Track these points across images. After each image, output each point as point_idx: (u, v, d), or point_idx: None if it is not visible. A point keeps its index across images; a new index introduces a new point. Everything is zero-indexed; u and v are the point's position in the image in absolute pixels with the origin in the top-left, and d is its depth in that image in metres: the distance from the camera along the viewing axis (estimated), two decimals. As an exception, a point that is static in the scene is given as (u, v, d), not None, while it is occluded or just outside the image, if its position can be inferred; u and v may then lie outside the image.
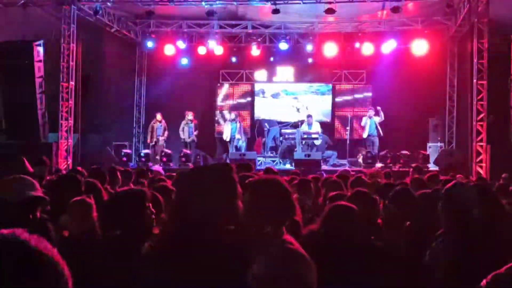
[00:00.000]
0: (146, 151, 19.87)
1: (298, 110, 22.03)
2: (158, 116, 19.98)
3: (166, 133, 20.00)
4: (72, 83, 17.06)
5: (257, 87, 22.60)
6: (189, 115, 19.80)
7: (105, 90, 19.55)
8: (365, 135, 19.37)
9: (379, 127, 19.07)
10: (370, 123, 19.14)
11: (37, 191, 3.69)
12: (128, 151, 19.73)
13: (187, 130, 19.79)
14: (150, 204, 3.59)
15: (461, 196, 3.90)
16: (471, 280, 3.32)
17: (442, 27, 19.38)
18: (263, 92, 22.57)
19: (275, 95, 22.47)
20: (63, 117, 17.10)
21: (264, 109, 22.35)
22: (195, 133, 19.75)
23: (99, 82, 19.47)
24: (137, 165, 18.37)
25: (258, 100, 22.55)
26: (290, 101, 22.29)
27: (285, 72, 22.09)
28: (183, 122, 19.87)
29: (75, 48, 17.03)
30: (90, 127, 18.65)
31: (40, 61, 16.86)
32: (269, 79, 22.48)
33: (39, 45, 16.84)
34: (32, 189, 3.66)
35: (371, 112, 19.35)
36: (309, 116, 20.10)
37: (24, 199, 3.53)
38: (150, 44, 20.52)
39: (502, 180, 10.52)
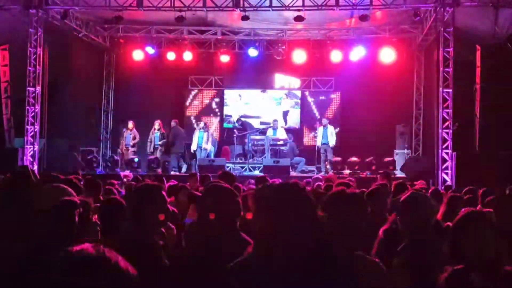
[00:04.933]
0: (114, 156, 19.70)
1: (270, 113, 22.05)
2: (130, 125, 19.78)
3: (135, 141, 19.81)
4: (39, 88, 16.84)
5: (229, 92, 22.56)
6: (156, 124, 19.64)
7: (72, 95, 19.28)
8: (318, 143, 19.45)
9: (332, 137, 19.21)
10: (323, 132, 19.28)
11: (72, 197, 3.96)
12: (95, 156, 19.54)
13: (153, 140, 19.64)
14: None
15: (419, 206, 3.93)
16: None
17: (409, 36, 19.67)
18: (239, 96, 22.54)
19: (246, 100, 22.47)
20: (29, 122, 16.86)
21: (236, 114, 22.32)
22: (160, 142, 19.54)
23: (66, 87, 19.20)
24: (104, 171, 18.21)
25: (231, 105, 22.52)
26: (261, 106, 22.33)
27: (254, 78, 22.06)
28: (151, 132, 19.72)
29: (41, 53, 16.81)
30: (57, 132, 18.37)
31: (5, 65, 16.64)
32: (238, 85, 22.45)
33: (5, 49, 16.61)
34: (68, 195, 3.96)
35: (325, 121, 19.52)
36: (275, 120, 20.32)
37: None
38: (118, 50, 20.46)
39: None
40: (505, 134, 15.32)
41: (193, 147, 19.78)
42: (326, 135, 19.20)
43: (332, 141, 19.18)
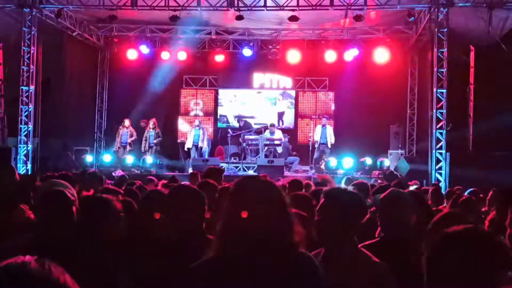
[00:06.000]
0: (108, 156, 19.65)
1: (266, 113, 22.03)
2: (126, 122, 19.77)
3: (132, 139, 19.80)
4: (32, 87, 16.77)
5: (223, 92, 22.53)
6: (151, 123, 19.64)
7: (66, 95, 19.24)
8: (316, 144, 19.46)
9: (330, 137, 19.22)
10: (322, 131, 19.30)
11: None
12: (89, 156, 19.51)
13: (148, 138, 19.64)
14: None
15: (397, 204, 3.94)
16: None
17: (403, 36, 19.67)
18: (234, 96, 22.49)
19: (242, 100, 22.44)
20: (23, 121, 16.79)
21: (231, 114, 22.31)
22: (155, 141, 19.55)
23: (60, 86, 19.16)
24: (98, 171, 18.14)
25: (225, 105, 22.47)
26: (256, 106, 22.29)
27: (248, 77, 22.06)
28: (146, 131, 19.72)
29: (35, 52, 16.74)
30: (50, 131, 18.30)
31: (-1, 64, 16.56)
32: (233, 85, 22.42)
33: (-1, 48, 16.56)
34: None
35: (324, 121, 19.56)
36: (272, 125, 20.16)
37: None
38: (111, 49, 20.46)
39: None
40: (499, 135, 15.37)
41: (188, 145, 19.75)
42: (325, 135, 19.21)
43: (331, 141, 19.21)
